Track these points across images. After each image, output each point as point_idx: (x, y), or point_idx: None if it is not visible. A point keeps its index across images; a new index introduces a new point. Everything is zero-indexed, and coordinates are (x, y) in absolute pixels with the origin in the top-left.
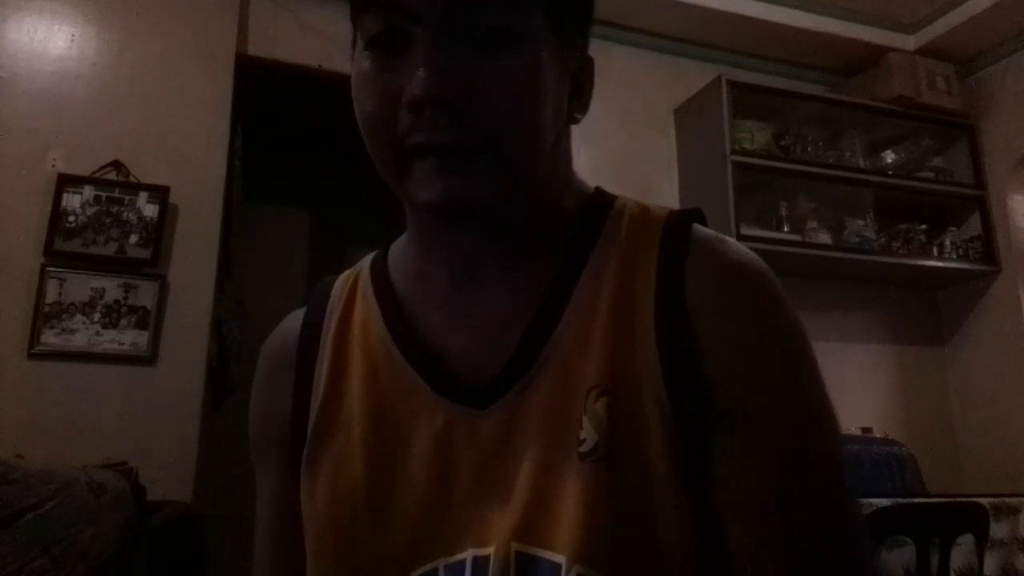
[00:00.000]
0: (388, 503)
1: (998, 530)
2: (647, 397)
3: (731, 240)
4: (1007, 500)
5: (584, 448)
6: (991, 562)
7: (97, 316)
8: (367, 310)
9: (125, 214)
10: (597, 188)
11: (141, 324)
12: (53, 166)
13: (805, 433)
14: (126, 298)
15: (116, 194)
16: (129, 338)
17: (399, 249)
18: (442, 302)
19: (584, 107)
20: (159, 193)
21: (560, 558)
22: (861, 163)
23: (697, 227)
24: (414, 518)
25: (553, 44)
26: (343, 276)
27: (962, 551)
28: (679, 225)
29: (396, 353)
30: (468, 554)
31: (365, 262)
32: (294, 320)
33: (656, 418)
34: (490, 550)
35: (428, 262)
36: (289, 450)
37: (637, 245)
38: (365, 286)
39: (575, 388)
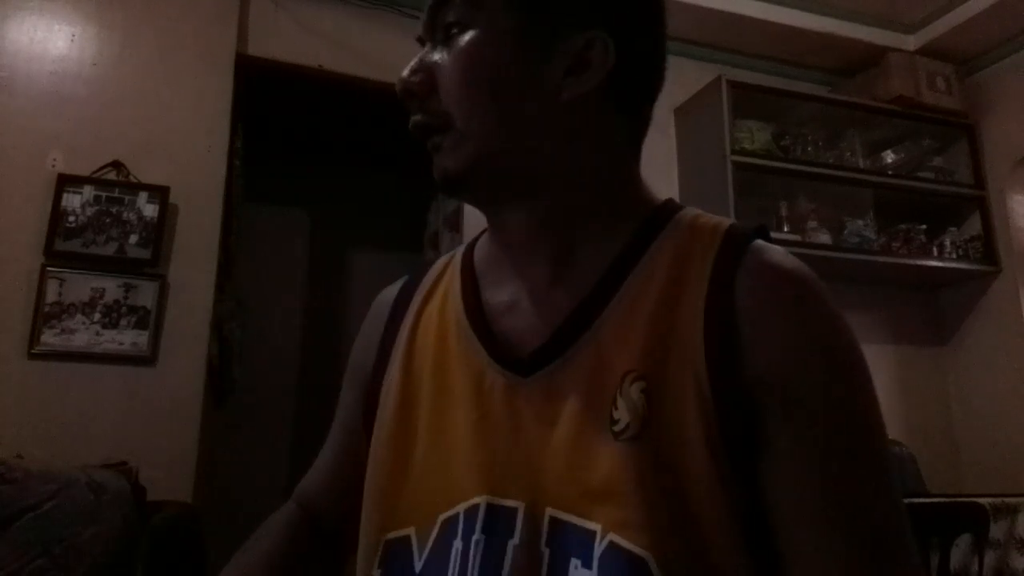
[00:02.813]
0: (439, 447)
1: (995, 530)
2: (687, 383)
3: (784, 251)
4: (1006, 500)
5: (617, 428)
6: (986, 562)
7: (97, 316)
8: (451, 283)
9: (125, 214)
10: (669, 200)
11: (141, 324)
12: (53, 166)
13: (850, 431)
14: (126, 298)
15: (116, 194)
16: (129, 338)
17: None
18: (504, 281)
19: (582, 83)
20: (159, 193)
21: (594, 526)
22: (861, 163)
23: (758, 240)
24: (451, 463)
25: (511, 22)
26: (446, 255)
27: (958, 551)
28: (740, 234)
29: (464, 321)
30: (482, 500)
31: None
32: (398, 283)
33: (695, 402)
34: (516, 504)
35: (496, 246)
36: (367, 388)
37: (694, 247)
38: (456, 262)
39: (610, 371)
